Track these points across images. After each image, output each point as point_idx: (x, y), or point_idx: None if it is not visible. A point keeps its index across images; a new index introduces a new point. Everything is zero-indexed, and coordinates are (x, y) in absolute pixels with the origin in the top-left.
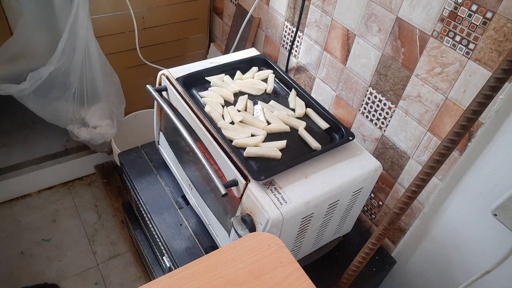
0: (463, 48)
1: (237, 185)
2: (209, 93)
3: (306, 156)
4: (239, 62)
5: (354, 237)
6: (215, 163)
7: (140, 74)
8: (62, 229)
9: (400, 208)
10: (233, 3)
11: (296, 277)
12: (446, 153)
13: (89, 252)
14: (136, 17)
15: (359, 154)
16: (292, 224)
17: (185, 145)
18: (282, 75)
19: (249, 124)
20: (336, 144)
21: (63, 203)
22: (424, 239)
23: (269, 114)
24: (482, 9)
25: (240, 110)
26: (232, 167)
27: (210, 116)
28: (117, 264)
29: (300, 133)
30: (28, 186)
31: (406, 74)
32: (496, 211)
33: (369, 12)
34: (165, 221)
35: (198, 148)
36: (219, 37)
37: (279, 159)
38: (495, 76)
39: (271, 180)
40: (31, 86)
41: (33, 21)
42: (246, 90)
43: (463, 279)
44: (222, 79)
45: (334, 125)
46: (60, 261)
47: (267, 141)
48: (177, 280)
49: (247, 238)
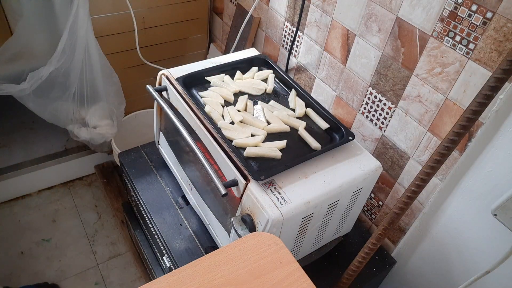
0: (463, 48)
1: (237, 185)
2: (209, 93)
3: (306, 156)
4: (239, 62)
5: (354, 237)
6: (215, 163)
7: (140, 74)
8: (62, 229)
9: (400, 208)
10: (233, 3)
11: (296, 277)
12: (446, 153)
13: (89, 252)
14: (136, 17)
15: (359, 154)
16: (292, 224)
17: (185, 145)
18: (282, 75)
19: (249, 124)
20: (336, 144)
21: (63, 203)
22: (424, 239)
23: (269, 114)
24: (482, 9)
25: (240, 110)
26: (232, 167)
27: (210, 116)
28: (117, 264)
29: (300, 133)
30: (28, 186)
31: (406, 74)
32: (496, 211)
33: (369, 12)
34: (165, 221)
35: (198, 148)
36: (219, 37)
37: (279, 159)
38: (495, 76)
39: (271, 180)
40: (31, 86)
41: (33, 21)
42: (246, 90)
43: (463, 279)
44: (222, 79)
45: (334, 125)
46: (60, 261)
47: (267, 141)
48: (177, 280)
49: (247, 238)
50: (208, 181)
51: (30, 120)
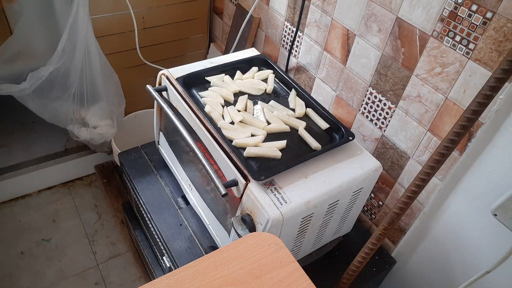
0: (463, 48)
1: (237, 185)
2: (209, 93)
3: (306, 156)
4: (239, 62)
5: (354, 237)
6: (215, 163)
7: (140, 74)
8: (62, 229)
9: (400, 208)
10: (233, 3)
11: (296, 277)
12: (446, 153)
13: (89, 252)
14: (136, 17)
15: (359, 154)
16: (292, 224)
17: (185, 145)
18: (282, 75)
19: (249, 124)
20: (336, 144)
21: (63, 203)
22: (424, 239)
23: (269, 114)
24: (482, 9)
25: (240, 110)
26: (232, 167)
27: (210, 116)
28: (117, 264)
29: (300, 133)
30: (28, 186)
31: (406, 74)
32: (496, 211)
33: (369, 12)
34: (165, 221)
35: (198, 148)
36: (219, 37)
37: (279, 159)
38: (495, 76)
39: (271, 180)
40: (31, 86)
41: (33, 21)
42: (246, 90)
43: (463, 279)
44: (222, 79)
45: (334, 125)
46: (60, 261)
47: (267, 141)
48: (177, 280)
49: (247, 238)
50: (208, 181)
51: (30, 120)
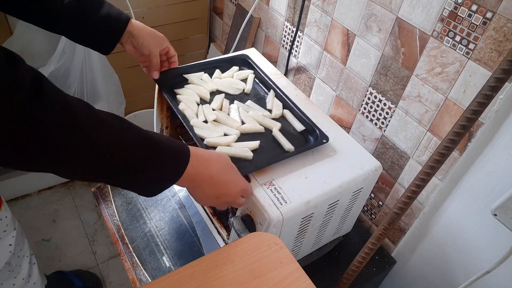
0: (463, 48)
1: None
2: (185, 90)
3: (278, 157)
4: (220, 60)
5: (354, 237)
6: None
7: (140, 74)
8: (62, 229)
9: (400, 208)
10: (233, 3)
11: (296, 277)
12: (446, 153)
13: (89, 252)
14: (136, 17)
15: (359, 154)
16: (292, 224)
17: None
18: (262, 76)
19: (222, 123)
20: (309, 146)
21: (63, 203)
22: (424, 239)
23: (244, 114)
24: (482, 9)
25: (215, 109)
26: None
27: (184, 113)
28: (117, 264)
29: (274, 134)
30: (28, 186)
31: (406, 74)
32: (496, 211)
33: (369, 12)
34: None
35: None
36: (219, 37)
37: (250, 159)
38: (495, 76)
39: (271, 180)
40: None
41: None
42: (223, 89)
43: (463, 279)
44: (200, 77)
45: (309, 127)
46: (60, 261)
47: (240, 141)
48: (177, 280)
49: (247, 238)
50: None
51: None
